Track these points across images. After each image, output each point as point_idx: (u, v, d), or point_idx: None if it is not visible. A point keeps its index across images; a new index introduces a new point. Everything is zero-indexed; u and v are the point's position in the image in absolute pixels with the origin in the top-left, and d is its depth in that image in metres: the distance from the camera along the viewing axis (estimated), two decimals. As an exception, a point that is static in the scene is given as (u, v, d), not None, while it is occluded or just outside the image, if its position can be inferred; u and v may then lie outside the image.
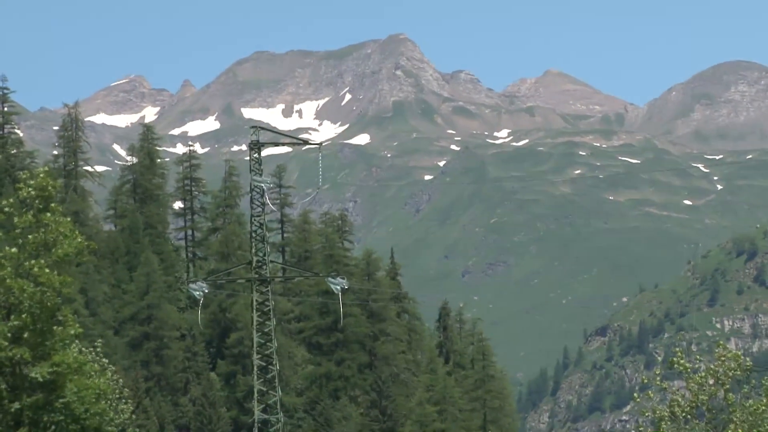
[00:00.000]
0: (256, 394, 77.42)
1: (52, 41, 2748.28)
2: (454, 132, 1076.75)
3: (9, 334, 40.73)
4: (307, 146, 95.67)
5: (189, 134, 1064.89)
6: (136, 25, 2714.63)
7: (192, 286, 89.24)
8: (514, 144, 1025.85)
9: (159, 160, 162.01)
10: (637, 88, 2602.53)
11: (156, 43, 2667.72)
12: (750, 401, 49.91)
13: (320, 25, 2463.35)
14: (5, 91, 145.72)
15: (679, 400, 50.69)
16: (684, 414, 50.28)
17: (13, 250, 41.63)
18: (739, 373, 50.39)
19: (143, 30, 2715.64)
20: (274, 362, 78.74)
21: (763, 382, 50.79)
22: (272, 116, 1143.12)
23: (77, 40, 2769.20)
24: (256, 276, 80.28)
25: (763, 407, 49.42)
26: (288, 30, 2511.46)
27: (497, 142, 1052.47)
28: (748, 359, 51.62)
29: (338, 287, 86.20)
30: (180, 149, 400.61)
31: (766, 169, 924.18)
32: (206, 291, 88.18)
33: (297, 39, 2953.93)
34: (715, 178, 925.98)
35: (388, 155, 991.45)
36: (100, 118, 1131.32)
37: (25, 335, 40.92)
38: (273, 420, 77.56)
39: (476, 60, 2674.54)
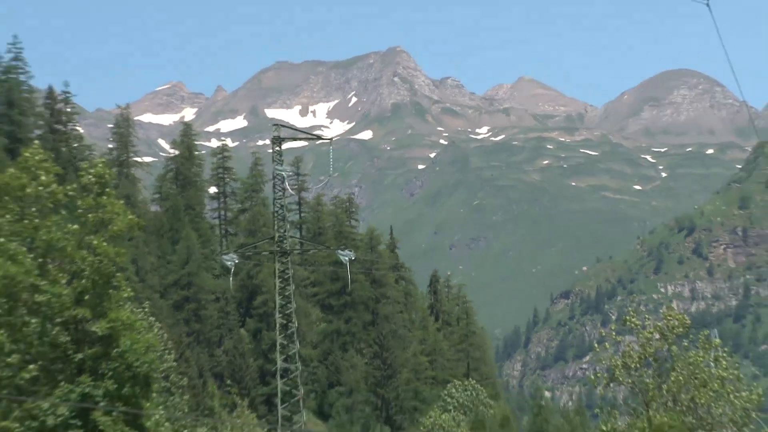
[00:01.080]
0: (278, 347, 77.47)
1: (108, 53, 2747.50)
2: (442, 129, 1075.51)
3: (73, 297, 40.79)
4: (320, 141, 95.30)
5: (221, 131, 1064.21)
6: (177, 40, 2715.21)
7: (225, 257, 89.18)
8: (493, 139, 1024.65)
9: (196, 153, 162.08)
10: (595, 92, 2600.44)
11: (194, 55, 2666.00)
12: (690, 353, 49.93)
13: (331, 39, 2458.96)
14: (68, 94, 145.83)
15: (630, 352, 50.69)
16: (634, 363, 50.31)
17: (76, 226, 41.70)
18: (681, 330, 50.42)
19: (183, 44, 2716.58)
20: (293, 320, 78.74)
21: (700, 336, 50.80)
22: (291, 116, 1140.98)
23: (128, 52, 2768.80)
24: (278, 249, 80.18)
25: (700, 358, 49.46)
26: (304, 43, 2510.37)
27: (479, 137, 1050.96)
28: (687, 318, 51.62)
29: (346, 258, 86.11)
30: (214, 143, 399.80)
31: (702, 160, 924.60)
32: (236, 261, 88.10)
33: (312, 50, 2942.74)
34: (660, 167, 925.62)
35: (388, 148, 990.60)
36: (147, 118, 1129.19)
37: (86, 297, 40.95)
38: (292, 368, 77.60)
39: (461, 68, 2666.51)
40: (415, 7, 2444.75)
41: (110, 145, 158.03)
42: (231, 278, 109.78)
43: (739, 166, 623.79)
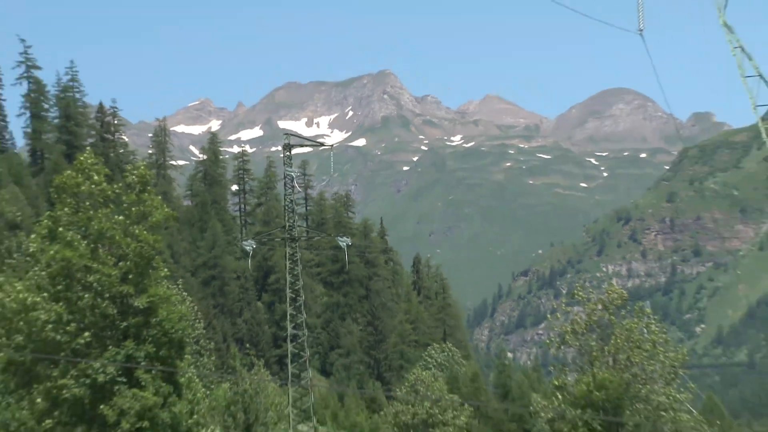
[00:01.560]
0: (288, 317, 77.27)
1: (148, 75, 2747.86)
2: (423, 137, 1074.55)
3: (119, 276, 40.78)
4: (323, 147, 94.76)
5: (242, 139, 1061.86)
6: (205, 65, 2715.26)
7: (244, 243, 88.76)
8: (465, 145, 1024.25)
9: (221, 157, 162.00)
10: (548, 106, 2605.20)
11: (219, 76, 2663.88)
12: (627, 321, 50.08)
13: (332, 63, 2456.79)
14: (115, 109, 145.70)
15: (578, 320, 50.80)
16: (581, 329, 50.43)
17: (122, 218, 41.71)
18: (619, 302, 50.57)
19: (210, 67, 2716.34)
20: (300, 294, 78.52)
21: (635, 307, 50.97)
22: (299, 126, 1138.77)
23: (165, 74, 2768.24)
24: (288, 236, 79.96)
25: (635, 325, 49.61)
26: (310, 66, 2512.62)
27: (453, 144, 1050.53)
28: (624, 292, 51.78)
29: (344, 243, 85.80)
30: (235, 150, 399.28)
31: (637, 162, 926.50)
32: (254, 246, 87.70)
33: (316, 72, 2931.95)
34: (603, 168, 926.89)
35: (378, 153, 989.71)
36: (180, 128, 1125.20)
37: (130, 276, 40.91)
38: (300, 334, 77.44)
39: (439, 87, 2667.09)
40: (402, 38, 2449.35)
41: (150, 151, 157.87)
42: (249, 260, 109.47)
43: (667, 167, 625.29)
